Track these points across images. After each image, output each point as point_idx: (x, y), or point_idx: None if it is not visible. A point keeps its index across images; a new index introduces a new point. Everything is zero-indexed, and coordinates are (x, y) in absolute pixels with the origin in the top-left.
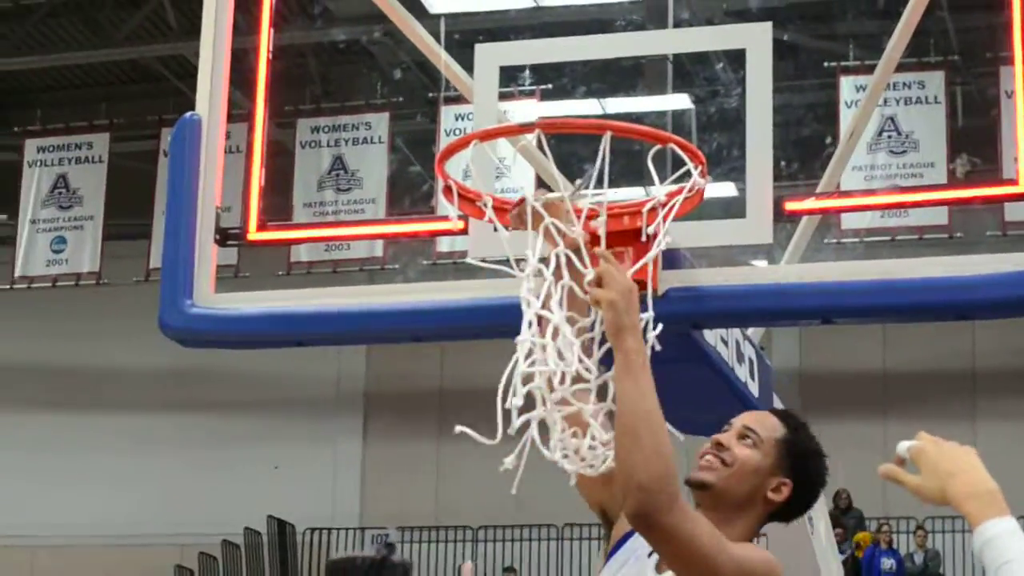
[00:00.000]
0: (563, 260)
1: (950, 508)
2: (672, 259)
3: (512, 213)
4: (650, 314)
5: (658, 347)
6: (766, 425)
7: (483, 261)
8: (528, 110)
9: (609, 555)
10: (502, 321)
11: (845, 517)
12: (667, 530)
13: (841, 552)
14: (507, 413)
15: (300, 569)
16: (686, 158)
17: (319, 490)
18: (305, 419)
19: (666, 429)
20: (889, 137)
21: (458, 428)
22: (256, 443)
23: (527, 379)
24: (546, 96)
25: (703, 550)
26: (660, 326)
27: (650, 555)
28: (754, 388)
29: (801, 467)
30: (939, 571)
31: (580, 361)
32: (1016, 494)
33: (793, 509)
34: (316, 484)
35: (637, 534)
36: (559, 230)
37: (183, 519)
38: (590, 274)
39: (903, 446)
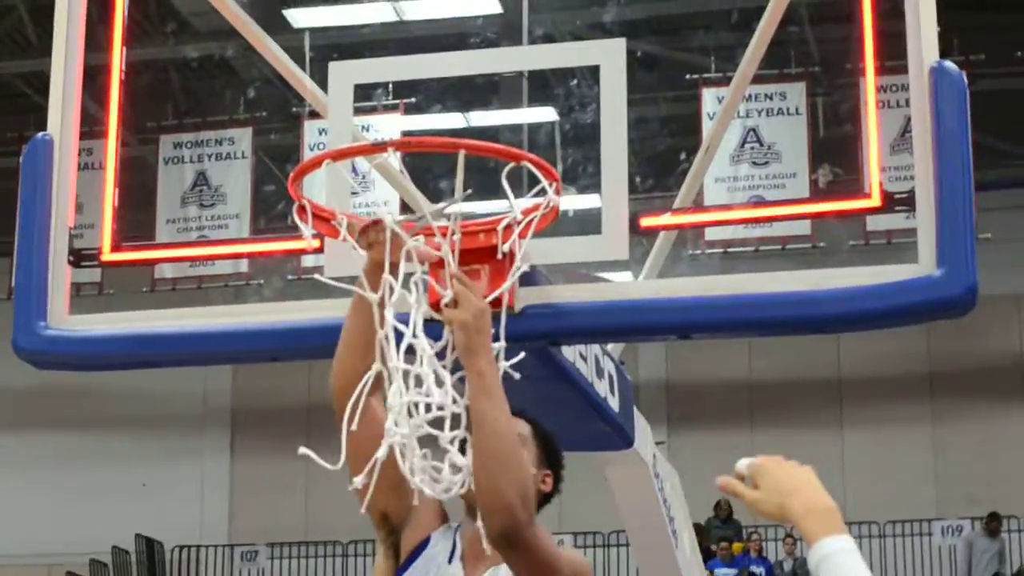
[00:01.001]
0: (421, 285)
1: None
2: (528, 276)
3: (365, 235)
4: (501, 344)
5: (515, 376)
6: (521, 424)
7: (339, 280)
8: (391, 124)
9: (405, 564)
10: None
11: (724, 527)
12: (529, 545)
13: (732, 566)
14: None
15: None
16: (540, 175)
17: (187, 507)
18: (172, 436)
19: (521, 446)
20: (752, 148)
21: (301, 450)
22: (123, 461)
23: (401, 406)
24: (409, 110)
25: (551, 558)
26: (520, 355)
27: (451, 561)
28: (614, 403)
29: (554, 457)
30: None
31: (442, 388)
32: (880, 497)
33: (551, 497)
34: (184, 501)
35: (433, 543)
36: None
37: (50, 539)
38: (447, 296)
39: (742, 463)
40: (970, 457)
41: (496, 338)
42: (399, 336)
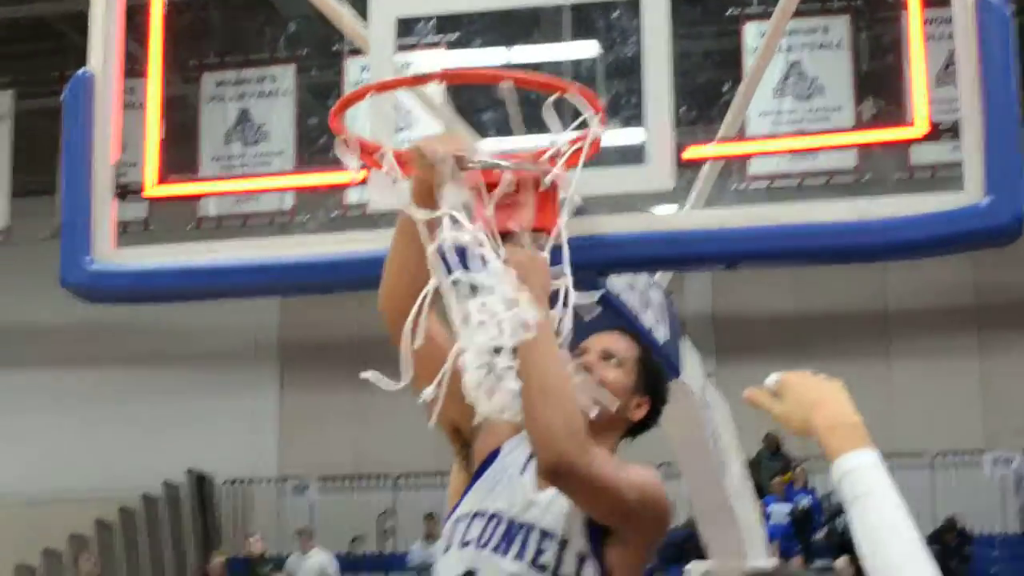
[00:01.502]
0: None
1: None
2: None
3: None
4: (567, 278)
5: (588, 315)
6: (624, 345)
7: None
8: (432, 60)
9: (477, 474)
10: None
11: (772, 460)
12: (582, 478)
13: (786, 501)
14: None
15: (220, 521)
16: (584, 105)
17: (237, 442)
18: (221, 371)
19: (570, 380)
20: (795, 82)
21: (364, 374)
22: (173, 396)
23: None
24: (452, 46)
25: (611, 485)
26: (594, 296)
27: (523, 472)
28: (661, 333)
29: (655, 385)
30: None
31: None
32: (929, 430)
33: (644, 426)
34: (234, 436)
35: (504, 454)
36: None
37: (101, 474)
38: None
39: (771, 378)
40: (1019, 388)
41: (560, 273)
42: (461, 252)
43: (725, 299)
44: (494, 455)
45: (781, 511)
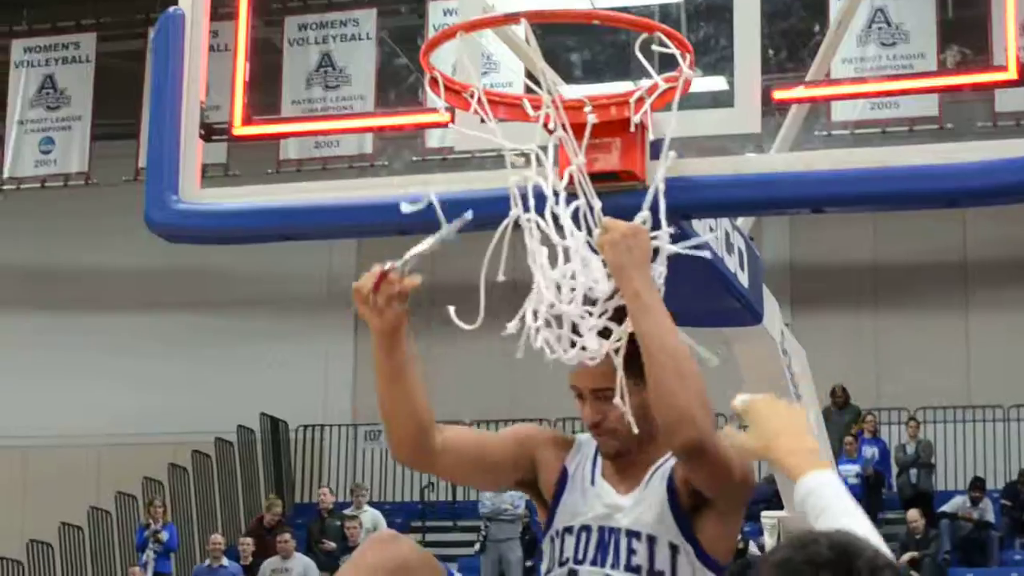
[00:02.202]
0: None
1: (939, 400)
2: (659, 149)
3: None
4: (666, 230)
5: (703, 253)
6: (606, 374)
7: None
8: (518, 4)
9: (555, 501)
10: (492, 213)
11: (840, 414)
12: (711, 454)
13: (856, 461)
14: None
15: (293, 466)
16: (673, 47)
17: (311, 387)
18: (297, 316)
19: (690, 354)
20: (879, 28)
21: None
22: (248, 341)
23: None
24: None
25: (727, 462)
26: (701, 240)
27: (592, 483)
28: (744, 278)
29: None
30: (931, 461)
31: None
32: (1008, 382)
33: None
34: (308, 381)
35: (572, 471)
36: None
37: (176, 417)
38: (599, 229)
39: (739, 399)
40: None
41: (657, 225)
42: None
43: (803, 249)
44: (564, 477)
45: (849, 471)
